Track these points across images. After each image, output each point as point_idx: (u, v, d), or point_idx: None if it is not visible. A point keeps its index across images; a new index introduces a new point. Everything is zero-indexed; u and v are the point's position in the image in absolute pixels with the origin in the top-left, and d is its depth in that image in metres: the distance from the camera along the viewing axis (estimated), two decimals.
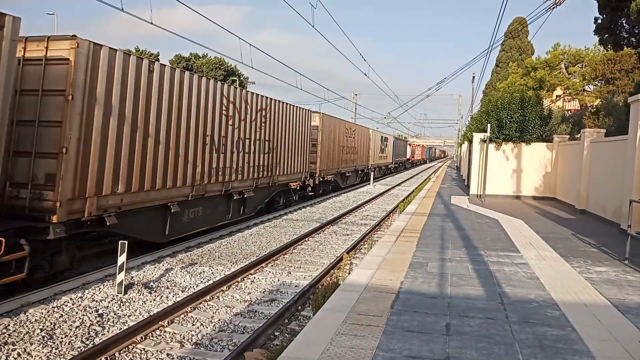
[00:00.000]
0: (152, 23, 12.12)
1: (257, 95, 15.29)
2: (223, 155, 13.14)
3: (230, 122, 13.42)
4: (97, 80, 8.56)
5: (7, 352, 5.79)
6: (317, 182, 22.52)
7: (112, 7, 10.76)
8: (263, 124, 15.66)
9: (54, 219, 7.82)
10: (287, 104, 17.85)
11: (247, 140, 14.55)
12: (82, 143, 8.29)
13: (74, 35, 8.16)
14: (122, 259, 8.06)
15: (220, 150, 12.98)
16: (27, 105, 8.12)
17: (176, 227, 11.39)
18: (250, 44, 16.38)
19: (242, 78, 62.37)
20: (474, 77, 51.67)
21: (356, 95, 59.37)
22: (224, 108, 13.04)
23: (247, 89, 16.55)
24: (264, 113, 15.72)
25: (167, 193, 10.79)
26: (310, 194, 22.60)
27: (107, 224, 8.94)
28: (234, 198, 14.01)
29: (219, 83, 12.90)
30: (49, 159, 7.99)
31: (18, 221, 7.64)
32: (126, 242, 8.19)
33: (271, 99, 16.31)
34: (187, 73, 11.37)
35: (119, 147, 9.16)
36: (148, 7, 13.13)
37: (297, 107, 19.16)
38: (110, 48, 8.87)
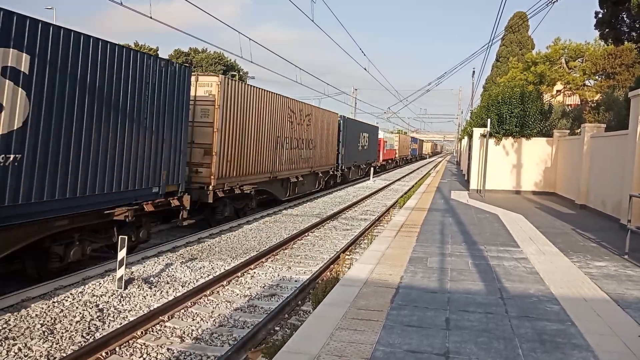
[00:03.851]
0: (150, 17, 12.06)
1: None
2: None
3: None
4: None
5: (8, 347, 5.80)
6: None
7: (111, 1, 10.70)
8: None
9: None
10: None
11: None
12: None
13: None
14: (122, 254, 8.06)
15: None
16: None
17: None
18: (249, 39, 16.31)
19: (241, 73, 62.23)
20: (474, 71, 51.51)
21: (356, 90, 59.28)
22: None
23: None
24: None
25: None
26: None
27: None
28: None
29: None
30: None
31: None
32: (126, 237, 8.20)
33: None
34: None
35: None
36: (147, 1, 13.06)
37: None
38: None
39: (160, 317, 6.87)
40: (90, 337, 6.23)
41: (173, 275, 9.09)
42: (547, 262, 7.59)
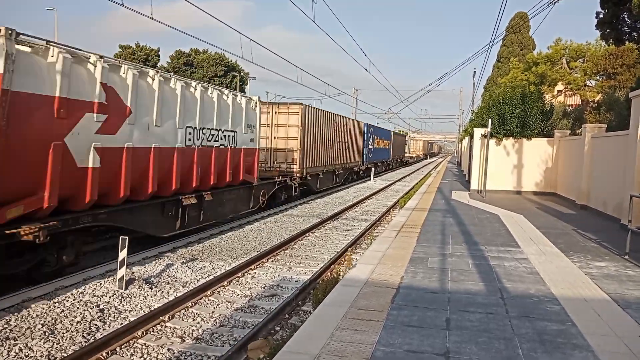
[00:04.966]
0: (152, 18, 12.08)
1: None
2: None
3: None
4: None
5: (9, 347, 5.81)
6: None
7: (113, 2, 10.72)
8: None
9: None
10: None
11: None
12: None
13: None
14: (122, 254, 8.07)
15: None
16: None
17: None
18: (250, 39, 16.32)
19: (242, 74, 62.25)
20: (475, 72, 51.61)
21: (357, 90, 59.28)
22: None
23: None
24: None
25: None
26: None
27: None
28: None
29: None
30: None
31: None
32: (127, 237, 8.22)
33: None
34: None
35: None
36: (148, 2, 13.07)
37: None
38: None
39: (160, 318, 6.87)
40: (91, 337, 6.24)
41: (174, 275, 9.10)
42: (547, 263, 7.59)
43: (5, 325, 6.40)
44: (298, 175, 19.77)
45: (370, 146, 35.99)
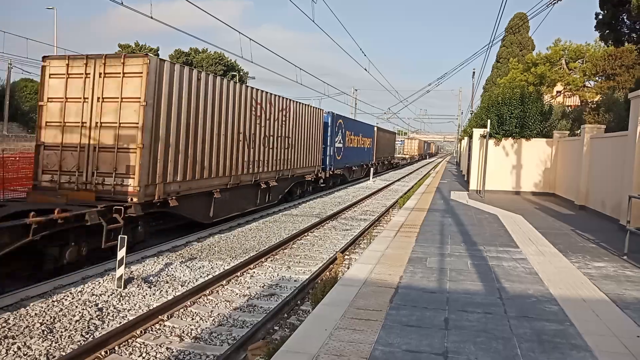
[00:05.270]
0: (151, 17, 12.09)
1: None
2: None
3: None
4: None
5: (7, 346, 5.80)
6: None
7: (112, 1, 10.72)
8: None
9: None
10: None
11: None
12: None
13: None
14: (121, 253, 8.07)
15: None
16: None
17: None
18: (250, 39, 16.33)
19: (241, 73, 62.24)
20: (474, 72, 51.55)
21: (356, 90, 59.30)
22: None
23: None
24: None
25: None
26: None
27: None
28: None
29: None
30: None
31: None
32: (125, 237, 8.21)
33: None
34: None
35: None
36: (147, 1, 13.06)
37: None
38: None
39: (159, 317, 6.87)
40: (90, 336, 6.24)
41: (172, 274, 9.10)
42: (546, 263, 7.60)
43: (4, 324, 6.40)
44: (135, 199, 9.73)
45: (338, 144, 25.96)
